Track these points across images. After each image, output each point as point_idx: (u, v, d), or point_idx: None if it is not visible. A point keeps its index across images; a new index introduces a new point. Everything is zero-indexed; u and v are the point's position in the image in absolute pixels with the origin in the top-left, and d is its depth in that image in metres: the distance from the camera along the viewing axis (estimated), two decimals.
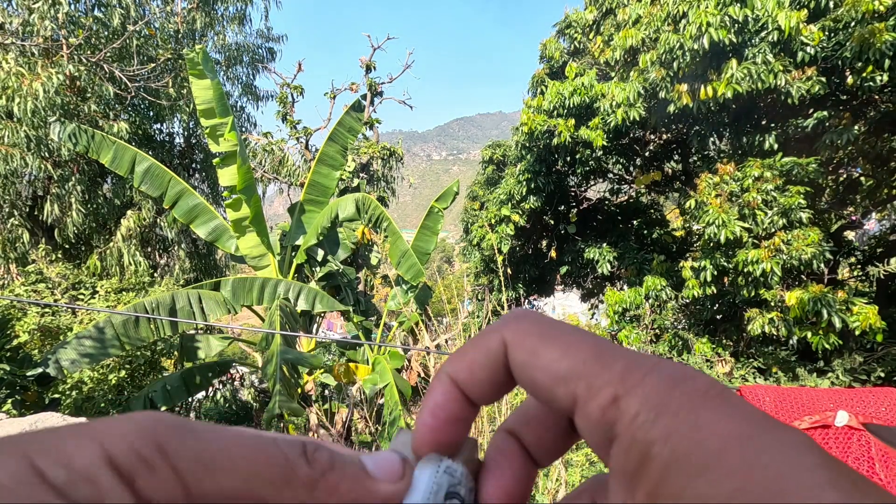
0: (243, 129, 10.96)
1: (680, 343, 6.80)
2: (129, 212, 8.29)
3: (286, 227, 8.31)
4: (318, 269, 7.83)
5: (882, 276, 4.29)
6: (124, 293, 7.53)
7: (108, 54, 8.08)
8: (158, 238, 9.00)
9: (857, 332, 4.69)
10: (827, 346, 4.87)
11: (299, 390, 6.05)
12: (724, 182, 5.34)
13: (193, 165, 10.42)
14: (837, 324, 4.68)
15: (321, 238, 6.92)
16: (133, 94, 8.17)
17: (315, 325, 8.43)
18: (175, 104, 8.91)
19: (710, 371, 5.80)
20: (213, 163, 6.50)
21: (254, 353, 7.76)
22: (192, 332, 6.68)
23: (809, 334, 4.98)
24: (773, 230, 5.13)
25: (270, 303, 6.21)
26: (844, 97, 5.32)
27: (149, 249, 8.79)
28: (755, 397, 1.46)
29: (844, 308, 4.81)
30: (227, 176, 6.42)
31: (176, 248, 9.15)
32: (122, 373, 6.74)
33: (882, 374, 5.01)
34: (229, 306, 6.04)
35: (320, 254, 7.71)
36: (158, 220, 8.73)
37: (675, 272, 6.98)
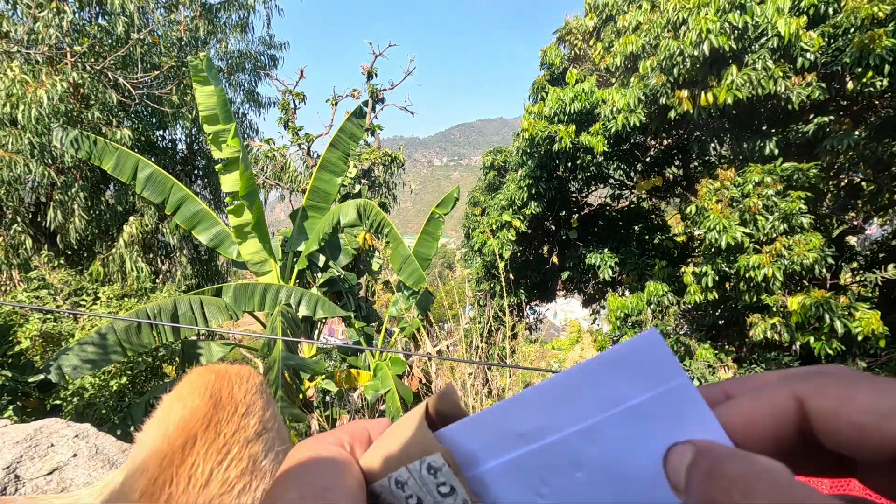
0: (245, 136, 11.02)
1: (682, 349, 6.78)
2: (131, 218, 8.32)
3: (288, 232, 8.33)
4: (319, 274, 7.84)
5: (881, 283, 4.28)
6: (126, 299, 7.54)
7: (112, 62, 8.14)
8: (160, 244, 9.02)
9: (859, 338, 4.68)
10: (830, 351, 4.85)
11: (301, 396, 6.04)
12: (725, 187, 5.35)
13: (196, 172, 10.46)
14: (840, 329, 4.67)
15: (322, 244, 6.93)
16: (136, 101, 8.22)
17: (316, 331, 8.43)
18: (178, 111, 8.97)
19: (713, 377, 5.79)
20: (216, 169, 6.53)
21: (255, 359, 7.76)
22: (194, 338, 6.68)
23: (812, 339, 4.97)
24: (774, 235, 5.13)
25: (272, 309, 6.21)
26: (845, 102, 5.33)
27: (151, 255, 8.81)
28: None
29: (847, 313, 4.80)
30: (230, 182, 6.44)
31: (178, 254, 9.17)
32: (124, 379, 6.73)
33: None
34: (231, 312, 6.04)
35: (322, 259, 7.72)
36: (160, 226, 8.75)
37: (676, 278, 6.97)
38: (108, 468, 1.82)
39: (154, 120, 9.32)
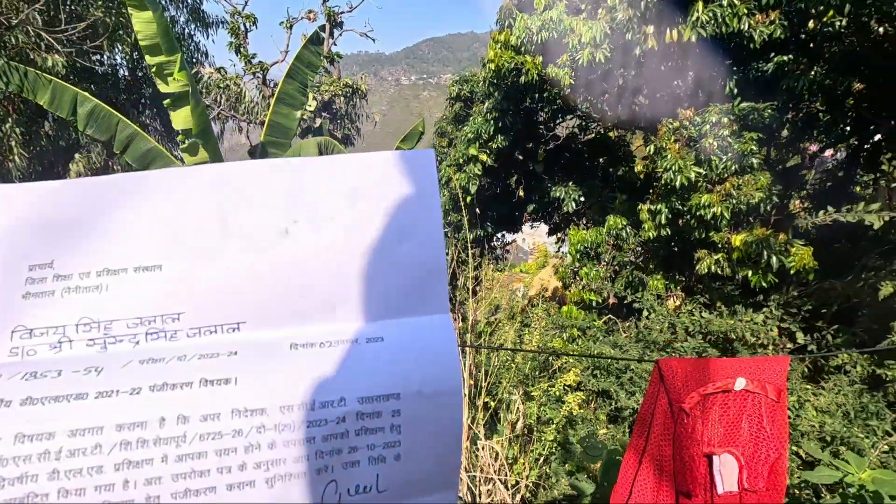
0: (194, 61, 10.19)
1: (636, 280, 7.21)
2: (76, 155, 7.84)
3: None
4: None
5: (816, 226, 4.60)
6: None
7: None
8: None
9: (791, 272, 5.08)
10: (764, 284, 5.28)
11: None
12: (684, 127, 5.44)
13: (143, 101, 9.75)
14: (775, 265, 5.05)
15: None
16: (63, 24, 7.42)
17: None
18: (114, 34, 8.16)
19: (661, 307, 6.22)
20: (164, 104, 6.15)
21: None
22: None
23: (750, 273, 5.37)
24: (725, 175, 5.34)
25: None
26: (804, 41, 5.35)
27: None
28: (668, 370, 1.67)
29: (783, 249, 5.17)
30: (181, 119, 6.10)
31: None
32: None
33: (810, 307, 5.49)
34: None
35: None
36: (110, 163, 8.30)
37: (636, 212, 7.23)
38: None
39: (88, 43, 8.48)
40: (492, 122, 8.50)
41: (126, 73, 9.56)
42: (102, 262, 0.28)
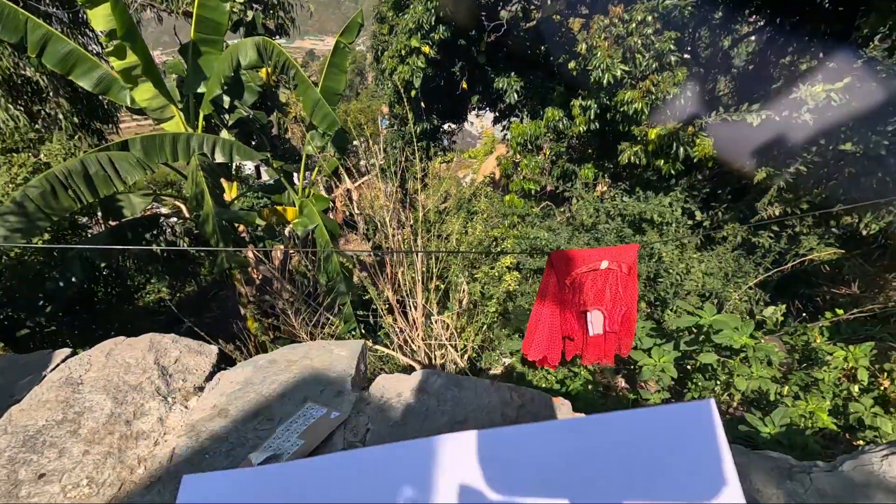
0: None
1: (570, 171, 7.92)
2: None
3: (179, 67, 7.67)
4: (227, 116, 7.63)
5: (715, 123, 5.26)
6: (14, 154, 7.05)
7: None
8: (29, 84, 7.92)
9: (696, 160, 5.89)
10: (673, 171, 6.10)
11: (233, 236, 6.59)
12: (613, 25, 5.74)
13: None
14: (682, 155, 5.83)
15: (225, 87, 6.65)
16: None
17: (234, 165, 8.47)
18: None
19: (589, 194, 7.01)
20: (78, 2, 5.66)
21: (177, 203, 7.91)
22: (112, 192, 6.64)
23: (662, 162, 6.15)
24: (647, 73, 5.82)
25: (185, 159, 6.26)
26: None
27: (20, 101, 7.81)
28: (556, 258, 2.36)
29: (690, 140, 5.91)
30: (101, 18, 5.67)
31: (52, 95, 8.18)
32: (46, 235, 6.82)
33: (709, 189, 6.44)
34: (144, 166, 6.03)
35: (227, 101, 7.43)
36: (21, 63, 7.60)
37: (571, 107, 7.68)
38: None
39: None
40: (432, 10, 8.29)
41: None
42: None
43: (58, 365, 1.82)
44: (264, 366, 1.86)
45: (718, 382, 3.59)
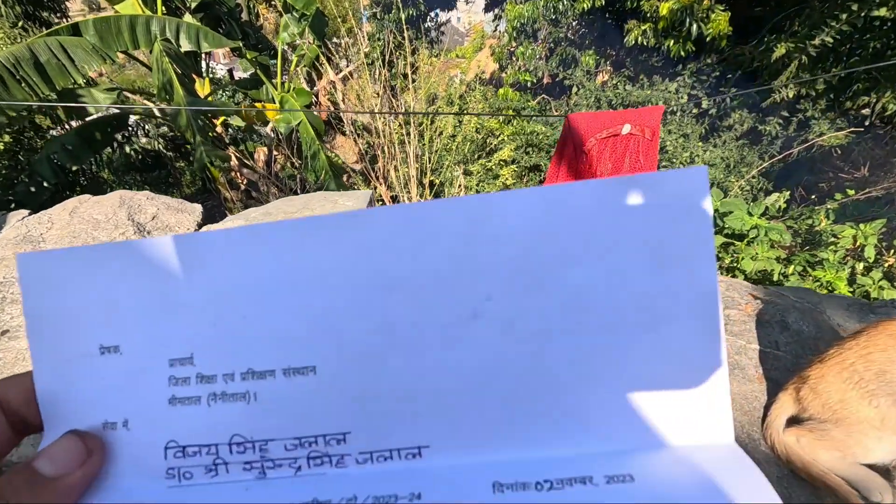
0: None
1: (570, 57, 7.35)
2: None
3: None
4: None
5: None
6: None
7: None
8: None
9: (708, 39, 5.43)
10: (683, 53, 5.66)
11: (210, 134, 6.16)
12: None
13: None
14: (695, 32, 5.35)
15: None
16: None
17: (203, 65, 7.74)
18: None
19: (590, 83, 6.57)
20: None
21: (146, 102, 7.30)
22: (71, 86, 6.06)
23: (672, 42, 5.68)
24: None
25: (148, 46, 5.64)
26: None
27: None
28: (574, 122, 2.12)
29: (705, 16, 5.40)
30: None
31: None
32: (7, 138, 6.35)
33: (718, 73, 6.04)
34: (101, 53, 5.42)
35: None
36: None
37: None
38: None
39: None
40: None
41: None
42: (246, 361, 0.23)
43: (13, 225, 1.64)
44: (257, 219, 1.69)
45: (722, 267, 3.56)
